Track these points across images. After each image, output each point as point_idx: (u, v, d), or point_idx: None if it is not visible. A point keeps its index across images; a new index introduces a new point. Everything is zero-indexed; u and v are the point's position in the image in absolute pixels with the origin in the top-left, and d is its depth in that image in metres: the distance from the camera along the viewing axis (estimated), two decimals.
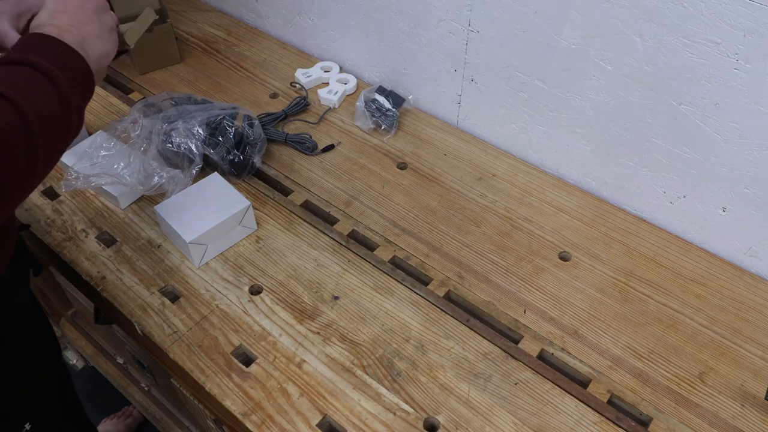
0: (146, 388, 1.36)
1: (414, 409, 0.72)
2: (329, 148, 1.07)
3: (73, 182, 0.93)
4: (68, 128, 0.59)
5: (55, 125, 0.56)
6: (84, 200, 0.96)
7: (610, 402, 0.74)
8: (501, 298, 0.85)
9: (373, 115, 1.09)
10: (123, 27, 0.89)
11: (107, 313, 0.92)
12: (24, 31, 0.68)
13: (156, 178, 0.92)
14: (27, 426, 0.77)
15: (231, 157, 0.96)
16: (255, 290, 0.85)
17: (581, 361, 0.78)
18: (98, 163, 0.93)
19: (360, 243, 0.92)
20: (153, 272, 0.86)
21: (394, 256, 0.90)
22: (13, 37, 0.64)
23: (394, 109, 1.09)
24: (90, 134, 1.04)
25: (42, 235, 0.91)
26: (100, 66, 0.66)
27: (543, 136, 1.01)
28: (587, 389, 0.75)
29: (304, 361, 0.77)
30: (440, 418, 0.72)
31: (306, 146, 1.06)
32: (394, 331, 0.80)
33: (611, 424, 0.72)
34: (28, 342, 0.78)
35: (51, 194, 0.97)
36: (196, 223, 0.85)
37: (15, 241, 0.71)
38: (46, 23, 0.63)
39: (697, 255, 0.91)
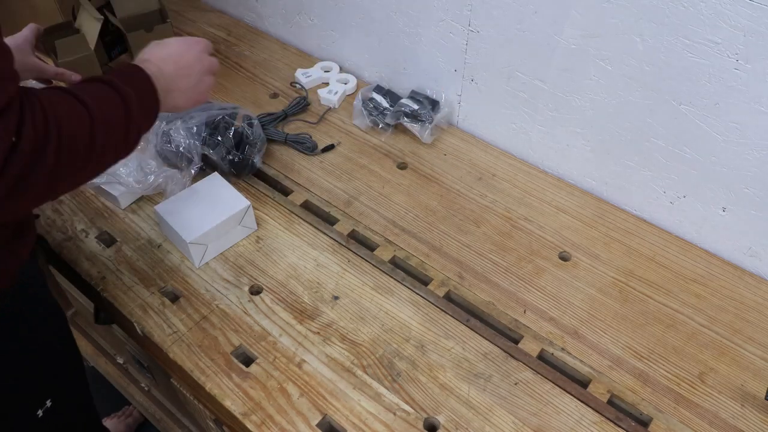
0: (146, 388, 1.36)
1: (414, 409, 0.72)
2: (329, 148, 1.07)
3: None
4: (126, 146, 0.65)
5: (116, 138, 0.63)
6: (84, 200, 0.96)
7: (610, 402, 0.74)
8: (501, 298, 0.85)
9: (371, 114, 1.09)
10: None
11: (107, 313, 0.92)
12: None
13: (153, 177, 0.92)
14: (48, 403, 0.79)
15: (231, 157, 0.96)
16: (255, 290, 0.85)
17: (581, 361, 0.78)
18: None
19: (360, 243, 0.92)
20: (153, 272, 0.86)
21: (394, 256, 0.90)
22: (46, 66, 0.76)
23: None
24: None
25: (42, 235, 0.91)
26: (167, 110, 0.74)
27: (543, 136, 1.01)
28: (587, 389, 0.75)
29: (304, 361, 0.77)
30: (440, 418, 0.72)
31: (306, 146, 1.06)
32: (394, 331, 0.80)
33: (611, 424, 0.72)
34: (44, 321, 0.79)
35: None
36: (196, 223, 0.85)
37: (35, 230, 0.75)
38: (152, 60, 0.71)
39: (697, 255, 0.91)
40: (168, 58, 0.73)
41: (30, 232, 0.71)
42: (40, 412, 0.78)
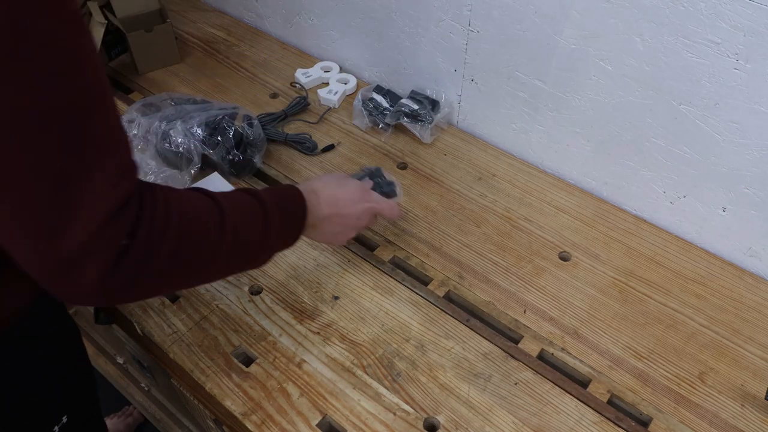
0: (146, 388, 1.36)
1: (414, 409, 0.72)
2: (329, 148, 1.07)
3: None
4: (254, 262, 0.64)
5: (244, 252, 0.60)
6: None
7: (610, 402, 0.74)
8: (501, 298, 0.85)
9: (371, 114, 1.09)
10: None
11: (107, 313, 0.92)
12: None
13: (153, 177, 0.92)
14: (64, 419, 0.79)
15: (231, 157, 0.96)
16: (255, 290, 0.85)
17: (581, 361, 0.78)
18: None
19: (360, 243, 0.92)
20: None
21: (394, 256, 0.90)
22: None
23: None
24: None
25: None
26: (302, 236, 0.72)
27: (543, 136, 1.01)
28: (587, 389, 0.75)
29: (304, 361, 0.77)
30: (440, 418, 0.72)
31: (306, 146, 1.06)
32: (394, 331, 0.80)
33: (611, 424, 0.72)
34: (62, 338, 0.79)
35: None
36: None
37: None
38: (319, 194, 0.72)
39: (697, 255, 0.91)
40: (334, 201, 0.74)
41: None
42: (56, 429, 0.78)
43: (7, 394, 0.71)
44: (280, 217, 0.64)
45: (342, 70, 1.24)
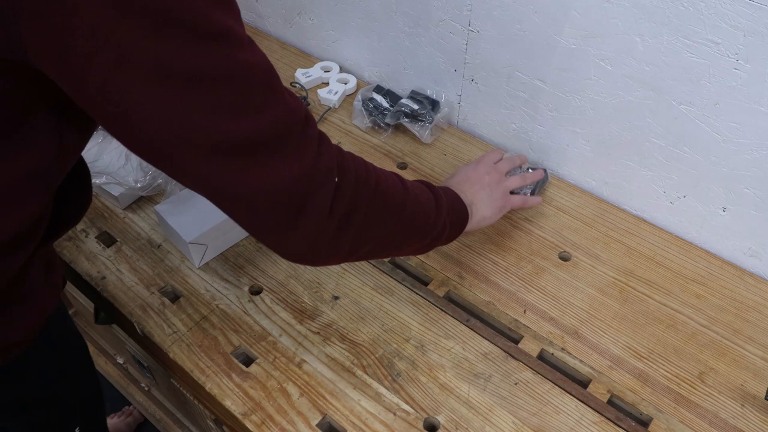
0: (146, 388, 1.36)
1: (414, 409, 0.72)
2: None
3: None
4: (432, 232, 0.68)
5: (424, 218, 0.66)
6: None
7: (610, 402, 0.74)
8: (501, 298, 0.85)
9: (371, 114, 1.09)
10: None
11: (107, 313, 0.92)
12: None
13: (153, 177, 0.92)
14: (77, 430, 0.80)
15: None
16: (255, 290, 0.85)
17: (581, 361, 0.78)
18: (95, 161, 0.93)
19: None
20: (153, 272, 0.86)
21: None
22: None
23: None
24: None
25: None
26: (479, 226, 0.81)
27: (543, 136, 1.01)
28: (587, 389, 0.75)
29: (304, 361, 0.77)
30: (440, 418, 0.72)
31: None
32: (394, 331, 0.80)
33: (611, 424, 0.72)
34: (71, 346, 0.81)
35: None
36: (196, 223, 0.85)
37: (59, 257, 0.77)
38: (452, 185, 0.79)
39: (697, 255, 0.91)
40: (460, 182, 0.81)
41: (57, 259, 0.71)
42: None
43: (24, 414, 0.72)
44: (446, 198, 0.71)
45: (342, 70, 1.24)
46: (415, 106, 1.06)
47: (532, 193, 0.95)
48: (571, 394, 0.74)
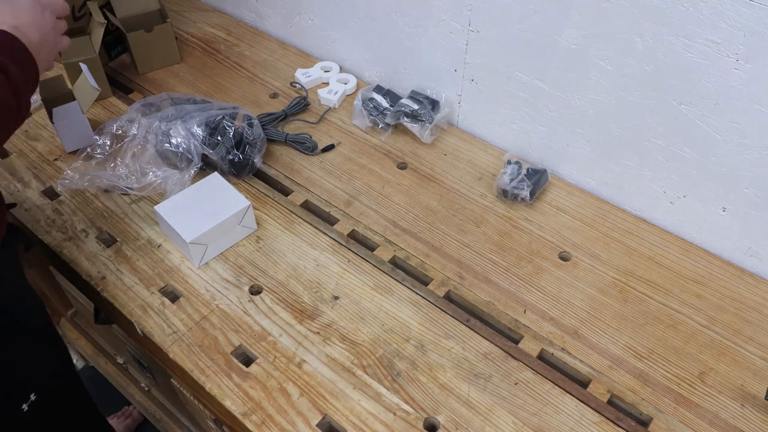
0: (146, 388, 1.36)
1: (414, 409, 0.72)
2: (329, 148, 1.07)
3: (68, 181, 0.93)
4: (19, 119, 0.65)
5: (7, 119, 0.63)
6: (84, 200, 0.96)
7: (610, 402, 0.74)
8: (501, 298, 0.85)
9: (371, 114, 1.09)
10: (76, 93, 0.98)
11: (107, 313, 0.92)
12: None
13: (152, 177, 0.92)
14: (32, 396, 0.78)
15: (231, 157, 0.96)
16: (255, 290, 0.85)
17: (581, 361, 0.78)
18: (95, 161, 0.93)
19: (360, 243, 0.92)
20: (153, 272, 0.86)
21: (394, 256, 0.90)
22: None
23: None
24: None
25: (42, 235, 0.91)
26: (41, 56, 0.69)
27: (543, 136, 1.01)
28: (587, 389, 0.75)
29: (304, 361, 0.77)
30: (440, 418, 0.72)
31: (306, 146, 1.06)
32: (394, 331, 0.80)
33: (611, 424, 0.72)
34: (24, 313, 0.79)
35: (51, 194, 0.97)
36: (196, 223, 0.85)
37: (5, 217, 0.75)
38: (15, 25, 0.67)
39: (697, 255, 0.91)
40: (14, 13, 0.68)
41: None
42: (24, 407, 0.77)
43: None
44: (20, 73, 0.64)
45: (342, 70, 1.24)
46: (415, 106, 1.06)
47: (532, 193, 0.95)
48: (571, 394, 0.74)
